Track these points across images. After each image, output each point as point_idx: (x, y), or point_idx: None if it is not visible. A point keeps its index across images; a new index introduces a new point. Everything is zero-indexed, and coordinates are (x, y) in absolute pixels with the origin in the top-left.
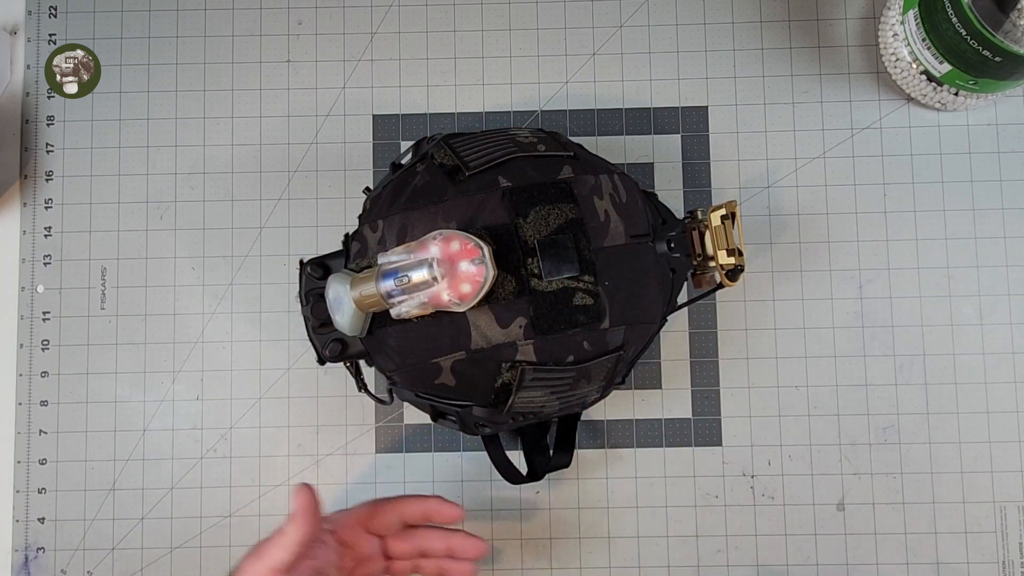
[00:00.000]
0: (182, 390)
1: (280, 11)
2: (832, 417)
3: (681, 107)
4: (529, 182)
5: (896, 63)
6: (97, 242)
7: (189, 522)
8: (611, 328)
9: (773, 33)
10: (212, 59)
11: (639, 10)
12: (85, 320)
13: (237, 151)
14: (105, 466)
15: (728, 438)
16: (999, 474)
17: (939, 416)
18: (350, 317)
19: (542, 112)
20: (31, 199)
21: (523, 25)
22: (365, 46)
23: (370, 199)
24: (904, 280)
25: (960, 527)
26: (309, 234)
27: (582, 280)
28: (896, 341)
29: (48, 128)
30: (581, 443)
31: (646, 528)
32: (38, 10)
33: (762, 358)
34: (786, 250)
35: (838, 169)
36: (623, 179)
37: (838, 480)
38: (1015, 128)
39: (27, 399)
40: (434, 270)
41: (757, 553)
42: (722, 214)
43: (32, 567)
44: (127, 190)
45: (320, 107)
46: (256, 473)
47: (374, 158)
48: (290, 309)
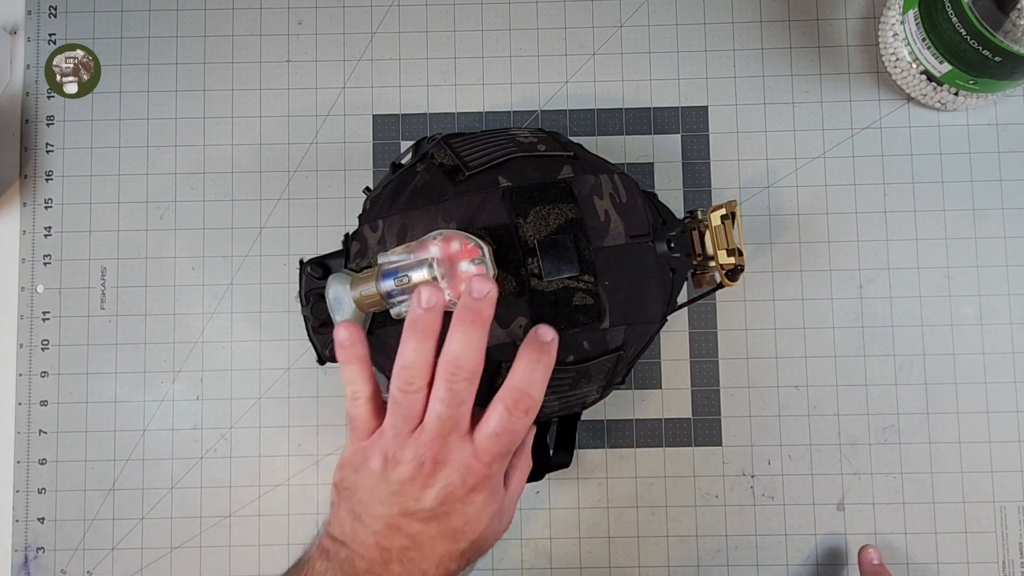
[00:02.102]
0: (182, 390)
1: (280, 11)
2: (832, 417)
3: (681, 107)
4: (529, 182)
5: (896, 63)
6: (97, 242)
7: (189, 522)
8: (611, 328)
9: (773, 33)
10: (212, 59)
11: (639, 10)
12: (85, 320)
13: (237, 151)
14: (105, 466)
15: (728, 438)
16: (999, 474)
17: (939, 416)
18: (350, 317)
19: (542, 112)
20: (31, 199)
21: (523, 25)
22: (365, 46)
23: (370, 199)
24: (904, 280)
25: (960, 527)
26: (309, 234)
27: (582, 280)
28: (896, 341)
29: (48, 128)
30: (581, 443)
31: (646, 528)
32: (38, 10)
33: (762, 358)
34: (786, 250)
35: (838, 169)
36: (623, 179)
37: (838, 480)
38: (1015, 128)
39: (27, 399)
40: (434, 270)
41: (757, 553)
42: (722, 214)
43: (32, 567)
44: (127, 190)
45: (320, 107)
46: (256, 473)
47: (374, 158)
48: (290, 309)
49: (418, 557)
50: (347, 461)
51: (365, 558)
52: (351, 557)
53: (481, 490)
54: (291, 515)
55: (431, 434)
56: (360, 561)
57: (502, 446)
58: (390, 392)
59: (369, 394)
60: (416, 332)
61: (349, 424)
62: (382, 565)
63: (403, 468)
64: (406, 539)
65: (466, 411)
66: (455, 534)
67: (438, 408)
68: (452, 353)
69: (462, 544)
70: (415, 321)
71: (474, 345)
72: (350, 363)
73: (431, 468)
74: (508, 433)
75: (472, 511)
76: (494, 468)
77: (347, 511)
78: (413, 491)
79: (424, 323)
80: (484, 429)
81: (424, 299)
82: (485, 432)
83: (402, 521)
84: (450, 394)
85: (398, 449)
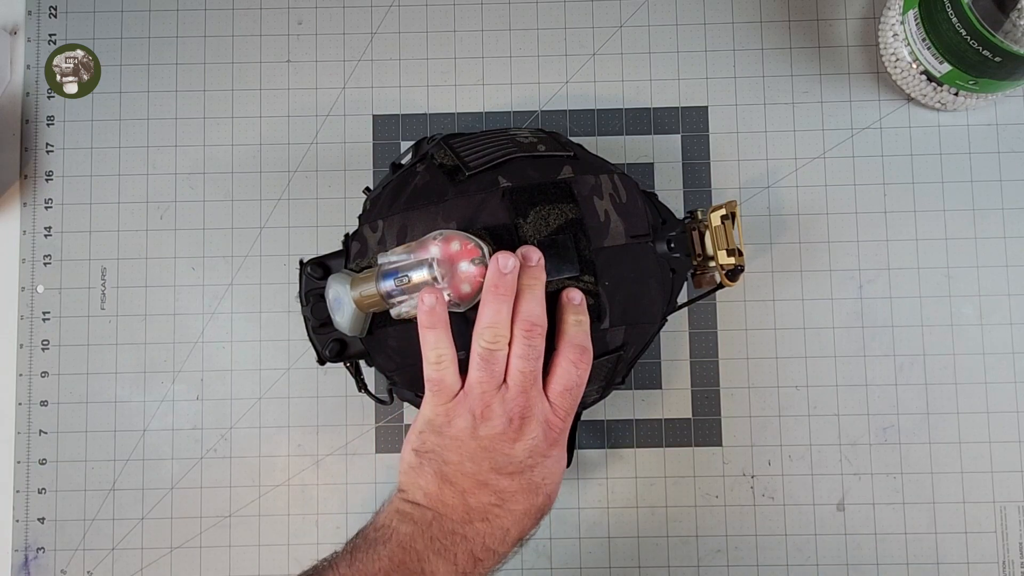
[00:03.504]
0: (182, 390)
1: (280, 11)
2: (832, 417)
3: (681, 107)
4: (529, 182)
5: (896, 63)
6: (97, 242)
7: (189, 522)
8: (611, 328)
9: (773, 33)
10: (212, 59)
11: (639, 10)
12: (85, 320)
13: (237, 151)
14: (105, 466)
15: (728, 438)
16: (999, 474)
17: (939, 416)
18: (350, 317)
19: (542, 112)
20: (31, 199)
21: (523, 25)
22: (365, 46)
23: (370, 199)
24: (904, 280)
25: (960, 527)
26: (309, 234)
27: (582, 280)
28: (896, 341)
29: (48, 128)
30: (581, 443)
31: (646, 528)
32: (38, 10)
33: (762, 358)
34: (786, 250)
35: (838, 169)
36: (623, 179)
37: (838, 480)
38: (1015, 128)
39: (27, 399)
40: (434, 270)
41: (757, 553)
42: (722, 214)
43: (32, 567)
44: (127, 190)
45: (320, 107)
46: (256, 473)
47: (374, 158)
48: (290, 309)
49: (502, 514)
50: (429, 425)
51: (451, 519)
52: (438, 518)
53: (558, 444)
54: (291, 515)
55: (516, 389)
56: (447, 522)
57: (572, 399)
58: (473, 353)
59: (453, 356)
60: (497, 295)
61: (431, 388)
62: (467, 524)
63: (494, 423)
64: (493, 495)
65: (540, 366)
66: (536, 488)
67: (519, 364)
68: (526, 311)
69: (539, 499)
70: (496, 285)
71: (541, 303)
72: (435, 327)
73: (519, 423)
74: (576, 387)
75: (550, 464)
76: (568, 422)
77: (433, 473)
78: (503, 446)
79: (505, 286)
80: (555, 386)
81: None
82: (557, 389)
83: (491, 477)
84: (529, 349)
85: (486, 406)
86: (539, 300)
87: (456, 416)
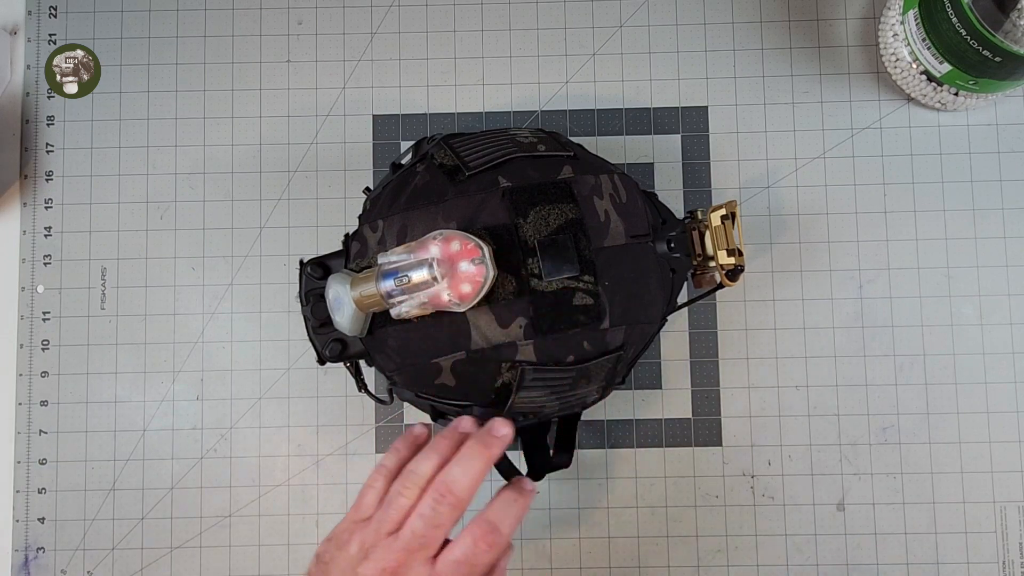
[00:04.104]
0: (182, 390)
1: (280, 11)
2: (832, 417)
3: (681, 107)
4: (529, 182)
5: (896, 63)
6: (97, 242)
7: (189, 522)
8: (611, 328)
9: (773, 33)
10: (212, 59)
11: (639, 10)
12: (85, 320)
13: (237, 151)
14: (105, 466)
15: (728, 438)
16: (999, 474)
17: (939, 416)
18: (350, 317)
19: (542, 112)
20: (31, 199)
21: (523, 25)
22: (365, 46)
23: (370, 199)
24: (904, 280)
25: (960, 527)
26: (309, 234)
27: (582, 280)
28: (896, 341)
29: (48, 128)
30: (581, 443)
31: (646, 528)
32: (38, 10)
33: (762, 358)
34: (786, 250)
35: (838, 169)
36: (623, 179)
37: (838, 480)
38: (1015, 128)
39: (27, 399)
40: (434, 270)
41: (757, 553)
42: (722, 214)
43: (32, 567)
44: (127, 190)
45: (320, 107)
46: (256, 473)
47: (374, 158)
48: (290, 309)
49: None
50: (335, 536)
51: None
52: None
53: None
54: (291, 515)
55: (401, 544)
56: None
57: (461, 575)
58: (391, 488)
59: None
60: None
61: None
62: None
63: (372, 565)
64: None
65: (440, 535)
66: None
67: (416, 523)
68: (451, 475)
69: None
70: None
71: (472, 476)
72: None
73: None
74: (470, 564)
75: None
76: None
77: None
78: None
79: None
80: (448, 555)
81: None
82: (448, 558)
83: None
84: (432, 513)
85: (372, 545)
86: (473, 473)
87: (352, 541)
